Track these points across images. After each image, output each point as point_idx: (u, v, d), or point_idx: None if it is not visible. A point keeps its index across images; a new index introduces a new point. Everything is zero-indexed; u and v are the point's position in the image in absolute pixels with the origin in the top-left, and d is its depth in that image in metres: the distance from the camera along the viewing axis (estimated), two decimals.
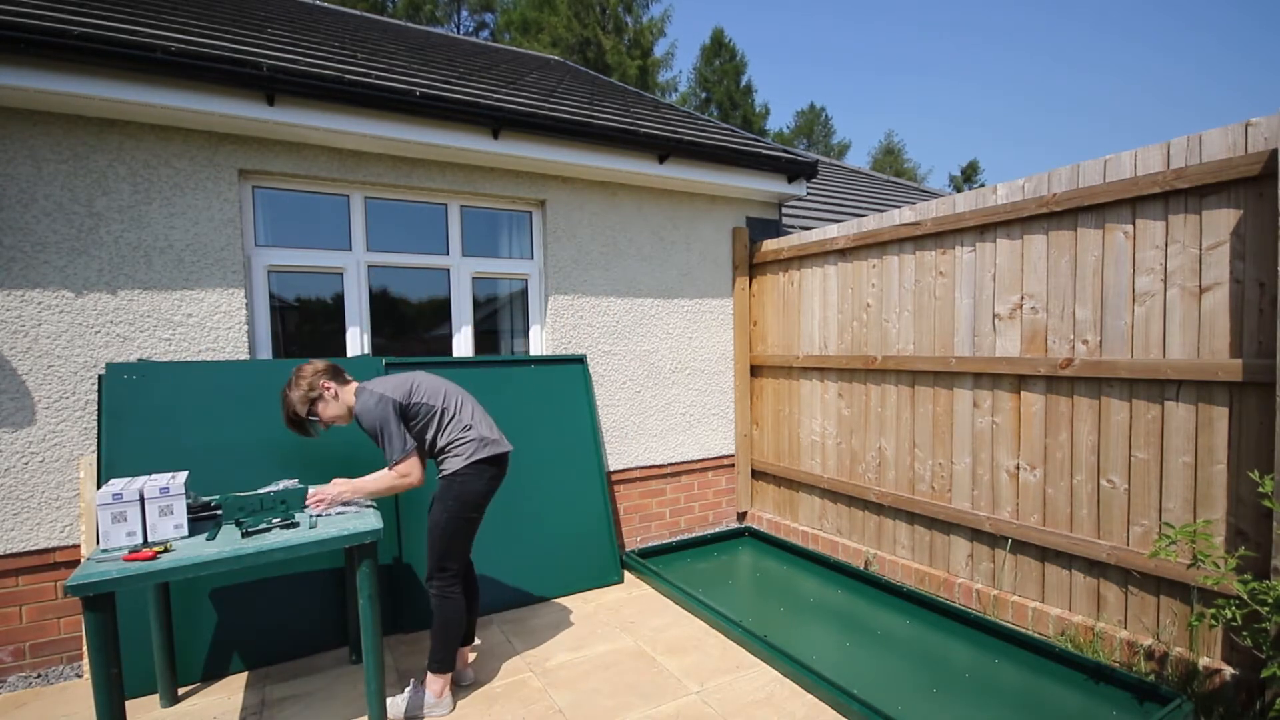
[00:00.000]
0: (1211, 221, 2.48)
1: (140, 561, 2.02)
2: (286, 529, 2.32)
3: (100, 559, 2.05)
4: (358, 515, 2.48)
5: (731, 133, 5.35)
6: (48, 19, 2.73)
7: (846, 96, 75.26)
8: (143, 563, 2.01)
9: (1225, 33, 60.78)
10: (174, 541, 2.20)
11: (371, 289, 3.78)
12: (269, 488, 2.53)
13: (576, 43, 21.85)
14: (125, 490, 2.15)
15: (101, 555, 2.08)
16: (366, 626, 2.33)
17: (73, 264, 2.95)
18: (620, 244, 4.44)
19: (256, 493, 2.43)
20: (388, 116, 3.40)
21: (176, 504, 2.22)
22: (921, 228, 3.57)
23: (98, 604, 1.93)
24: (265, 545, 2.15)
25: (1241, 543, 2.40)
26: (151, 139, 3.09)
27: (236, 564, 2.10)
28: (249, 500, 2.39)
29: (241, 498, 2.38)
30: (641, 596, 3.69)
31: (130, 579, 1.94)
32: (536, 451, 3.85)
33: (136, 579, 1.96)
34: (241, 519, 2.37)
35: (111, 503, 2.13)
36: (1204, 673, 2.48)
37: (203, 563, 2.05)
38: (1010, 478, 3.20)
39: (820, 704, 2.58)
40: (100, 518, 2.13)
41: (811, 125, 33.39)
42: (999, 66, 73.30)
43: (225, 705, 2.65)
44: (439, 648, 2.55)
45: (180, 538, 2.23)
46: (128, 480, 2.30)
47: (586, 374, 4.19)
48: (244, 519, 2.37)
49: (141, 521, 2.16)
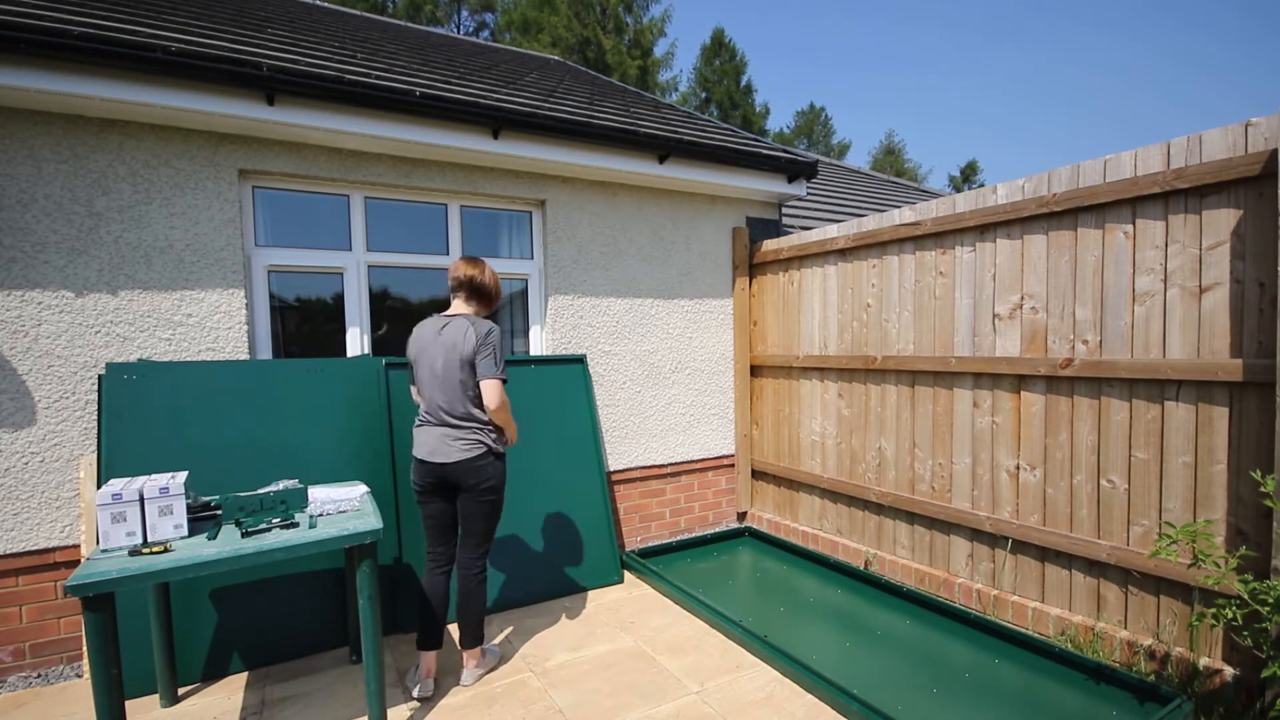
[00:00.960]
0: (1211, 221, 2.48)
1: (143, 559, 2.01)
2: (286, 529, 2.32)
3: (100, 559, 2.04)
4: (358, 515, 2.48)
5: (731, 133, 5.35)
6: (48, 19, 2.74)
7: (846, 96, 75.33)
8: (145, 560, 2.00)
9: (1225, 33, 60.79)
10: (174, 541, 2.19)
11: (372, 289, 3.78)
12: (269, 488, 2.52)
13: (576, 43, 21.85)
14: (125, 490, 2.15)
15: (101, 555, 2.07)
16: (367, 627, 2.32)
17: (73, 264, 2.95)
18: (620, 244, 4.44)
19: (256, 493, 2.42)
20: (388, 116, 3.40)
21: (176, 504, 2.21)
22: (921, 228, 3.56)
23: (97, 604, 1.93)
24: (265, 545, 2.15)
25: (1242, 543, 2.40)
26: (151, 139, 3.10)
27: (236, 564, 2.09)
28: (249, 500, 2.38)
29: (242, 498, 2.38)
30: (641, 596, 3.69)
31: (130, 579, 1.94)
32: (536, 451, 3.85)
33: (136, 579, 1.95)
34: (241, 519, 2.36)
35: (111, 503, 2.12)
36: (1204, 673, 2.47)
37: (203, 563, 2.05)
38: (1010, 478, 3.20)
39: (820, 704, 2.58)
40: (100, 518, 2.12)
41: (811, 125, 33.40)
42: (999, 66, 73.33)
43: (225, 705, 2.65)
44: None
45: (180, 538, 2.23)
46: (127, 480, 2.30)
47: (586, 374, 4.18)
48: (244, 519, 2.36)
49: (141, 521, 2.16)
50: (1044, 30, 67.85)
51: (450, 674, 2.84)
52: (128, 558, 2.05)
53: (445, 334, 2.65)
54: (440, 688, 2.74)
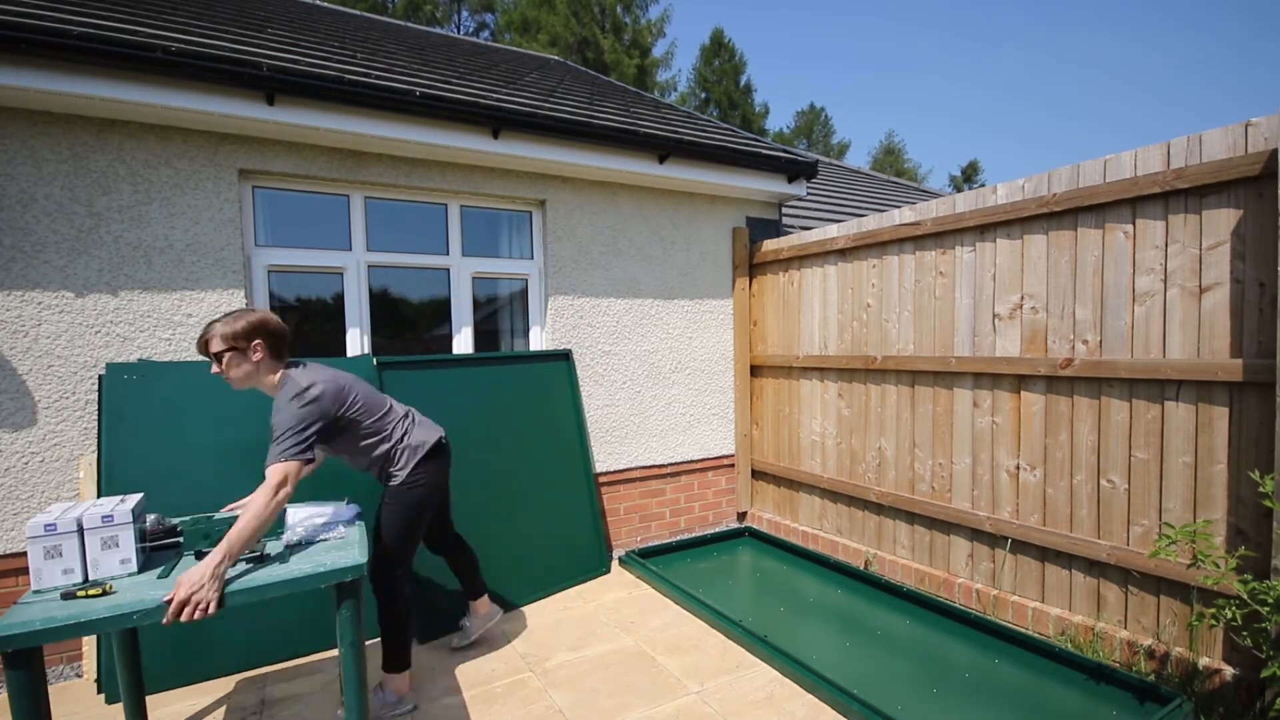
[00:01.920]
0: (1211, 221, 2.48)
1: (77, 604, 1.68)
2: (254, 560, 1.98)
3: (30, 601, 1.68)
4: (341, 545, 2.14)
5: (731, 133, 5.35)
6: (48, 19, 2.73)
7: (846, 96, 75.32)
8: (79, 607, 1.66)
9: (1225, 33, 60.80)
10: (120, 580, 1.84)
11: (371, 289, 3.78)
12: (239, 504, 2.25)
13: (575, 42, 21.85)
14: (60, 520, 1.78)
15: (33, 597, 1.70)
16: (349, 678, 1.93)
17: (73, 264, 2.95)
18: (620, 244, 4.44)
19: (224, 515, 2.18)
20: (388, 116, 3.40)
21: (123, 535, 1.85)
22: (921, 228, 3.57)
23: (18, 661, 1.56)
24: (225, 588, 1.80)
25: (1241, 543, 2.40)
26: (151, 139, 3.09)
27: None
28: (215, 526, 2.10)
29: (207, 523, 2.11)
30: (641, 596, 3.69)
31: (56, 631, 1.58)
32: (520, 446, 3.86)
33: (65, 630, 1.59)
34: (204, 550, 2.02)
35: (44, 534, 1.75)
36: (1204, 672, 2.48)
37: (145, 610, 1.68)
38: (1010, 478, 3.20)
39: (820, 704, 2.58)
40: (30, 553, 1.74)
41: (811, 125, 33.40)
42: (999, 66, 73.33)
43: (225, 705, 2.65)
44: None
45: (128, 574, 1.87)
46: (66, 506, 1.96)
47: (572, 369, 4.19)
48: (207, 550, 1.99)
49: (81, 557, 1.81)
50: (1044, 30, 67.90)
51: (436, 692, 2.84)
52: (59, 602, 1.69)
53: None
54: (435, 692, 2.74)
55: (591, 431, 4.32)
